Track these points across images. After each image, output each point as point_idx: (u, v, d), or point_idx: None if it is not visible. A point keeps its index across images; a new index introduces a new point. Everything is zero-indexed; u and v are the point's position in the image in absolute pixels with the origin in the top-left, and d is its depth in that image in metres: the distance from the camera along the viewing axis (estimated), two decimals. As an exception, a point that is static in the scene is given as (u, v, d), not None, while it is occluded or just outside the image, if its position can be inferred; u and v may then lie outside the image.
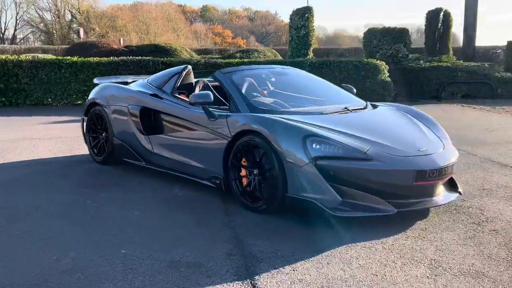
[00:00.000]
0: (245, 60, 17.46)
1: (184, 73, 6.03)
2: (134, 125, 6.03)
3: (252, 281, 3.28)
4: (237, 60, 16.77)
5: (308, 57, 17.71)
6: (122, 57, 14.97)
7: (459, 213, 4.67)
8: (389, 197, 4.30)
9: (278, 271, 3.42)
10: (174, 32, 56.52)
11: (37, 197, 5.15)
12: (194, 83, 6.14)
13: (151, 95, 5.98)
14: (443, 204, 4.61)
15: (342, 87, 6.25)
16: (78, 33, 35.35)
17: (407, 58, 17.46)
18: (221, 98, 5.50)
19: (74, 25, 51.89)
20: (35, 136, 8.82)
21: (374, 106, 5.68)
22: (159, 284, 3.23)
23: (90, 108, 6.76)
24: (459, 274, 3.41)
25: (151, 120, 5.90)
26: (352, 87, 6.30)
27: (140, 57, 15.05)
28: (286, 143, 4.36)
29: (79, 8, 51.48)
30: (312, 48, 18.71)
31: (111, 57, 15.07)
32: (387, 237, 4.06)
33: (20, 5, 57.66)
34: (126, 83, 6.82)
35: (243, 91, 5.33)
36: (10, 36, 61.66)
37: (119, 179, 5.90)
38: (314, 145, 4.27)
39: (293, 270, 3.45)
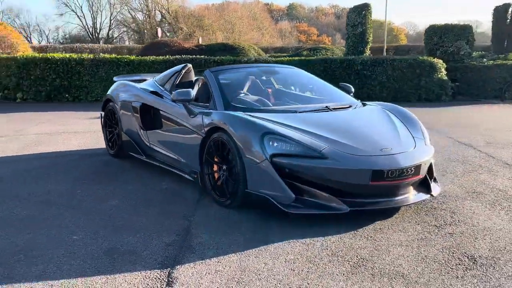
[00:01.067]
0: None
1: (184, 71, 6.26)
2: (136, 120, 6.36)
3: (171, 270, 3.43)
4: (296, 58, 16.79)
5: (365, 54, 17.41)
6: (176, 56, 15.53)
7: (427, 215, 4.57)
8: (346, 196, 4.31)
9: (201, 262, 3.56)
10: (259, 30, 57.26)
11: (33, 186, 5.59)
12: (193, 81, 6.35)
13: (151, 92, 6.30)
14: (406, 205, 4.54)
15: (340, 87, 6.23)
16: (156, 32, 36.74)
17: (469, 56, 16.70)
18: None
19: (165, 25, 54.07)
20: (74, 130, 9.45)
21: (363, 105, 5.64)
22: (85, 269, 3.46)
23: (106, 104, 7.19)
24: (377, 274, 3.39)
25: (150, 116, 6.19)
26: (350, 86, 6.29)
27: (193, 56, 15.53)
28: (246, 140, 4.49)
29: (168, 8, 53.56)
30: (369, 45, 18.35)
31: (167, 56, 15.69)
32: (334, 235, 4.07)
33: (114, 6, 61.09)
34: (141, 81, 7.15)
35: (227, 89, 5.49)
36: (105, 36, 65.49)
37: (119, 172, 6.25)
38: (271, 143, 4.36)
39: (217, 262, 3.57)
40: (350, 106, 5.54)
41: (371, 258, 3.64)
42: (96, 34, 64.64)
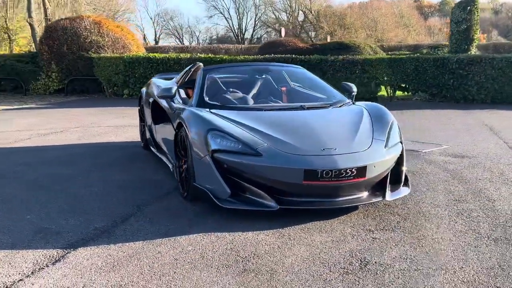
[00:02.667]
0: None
1: (193, 70, 6.56)
2: (150, 116, 6.82)
3: (70, 251, 3.74)
4: (387, 56, 16.22)
5: (469, 52, 16.26)
6: (254, 56, 15.86)
7: (374, 218, 4.41)
8: (282, 194, 4.33)
9: (104, 247, 3.80)
10: (405, 28, 55.74)
11: (44, 169, 6.27)
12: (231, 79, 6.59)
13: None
14: (344, 206, 4.43)
15: (342, 86, 6.13)
16: (280, 32, 37.49)
17: None
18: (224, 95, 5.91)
19: (307, 24, 54.97)
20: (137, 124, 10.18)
21: (351, 104, 5.56)
22: (13, 242, 3.91)
23: (140, 100, 7.76)
24: (252, 269, 3.40)
25: (157, 113, 6.61)
26: (352, 86, 6.12)
27: (265, 55, 15.78)
28: (195, 135, 4.70)
29: (310, 8, 54.45)
30: (476, 43, 17.07)
31: (266, 55, 16.08)
32: (256, 231, 4.11)
33: (259, 7, 63.59)
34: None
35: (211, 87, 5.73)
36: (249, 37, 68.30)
37: (130, 162, 6.73)
38: (214, 139, 4.51)
39: (117, 248, 3.78)
40: (330, 106, 5.43)
41: (264, 255, 3.63)
42: (242, 35, 67.47)
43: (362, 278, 3.30)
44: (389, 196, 4.54)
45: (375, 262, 3.53)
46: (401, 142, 4.96)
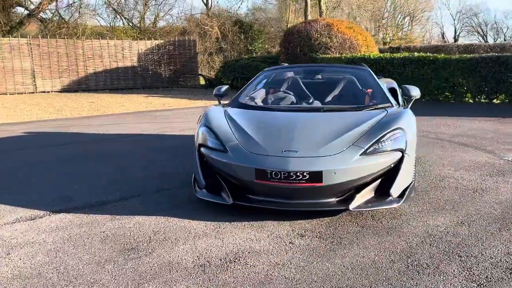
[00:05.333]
0: None
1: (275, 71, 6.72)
2: None
3: (30, 222, 4.51)
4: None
5: None
6: (482, 55, 14.15)
7: (320, 225, 4.07)
8: (242, 190, 4.36)
9: (59, 221, 4.48)
10: None
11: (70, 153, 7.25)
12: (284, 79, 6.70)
13: None
14: (297, 210, 4.23)
15: (402, 88, 5.60)
16: None
17: None
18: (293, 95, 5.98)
19: None
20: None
21: (383, 109, 5.10)
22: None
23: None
24: (125, 251, 3.62)
25: None
26: (412, 89, 5.57)
27: (499, 54, 13.84)
28: (197, 129, 5.01)
29: None
30: None
31: (473, 54, 14.47)
32: (191, 220, 4.22)
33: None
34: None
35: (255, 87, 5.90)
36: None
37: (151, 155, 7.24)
38: (202, 134, 4.77)
39: (45, 225, 4.45)
40: (357, 109, 5.13)
41: (149, 244, 3.77)
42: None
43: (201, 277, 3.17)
44: (353, 205, 4.11)
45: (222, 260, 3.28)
46: (401, 151, 4.28)
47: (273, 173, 4.05)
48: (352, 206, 4.09)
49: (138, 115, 12.88)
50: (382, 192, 4.27)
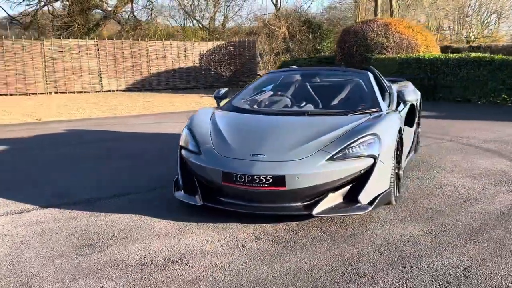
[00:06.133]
0: None
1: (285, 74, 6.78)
2: None
3: (16, 215, 4.88)
4: None
5: None
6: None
7: (274, 229, 4.12)
8: (216, 192, 4.44)
9: (43, 213, 4.82)
10: None
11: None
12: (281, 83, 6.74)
13: None
14: (262, 214, 4.23)
15: (398, 93, 5.52)
16: None
17: None
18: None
19: None
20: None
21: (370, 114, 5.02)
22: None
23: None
24: (67, 243, 3.86)
25: None
26: (406, 93, 5.39)
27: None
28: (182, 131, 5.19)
29: None
30: None
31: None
32: (146, 217, 4.38)
33: None
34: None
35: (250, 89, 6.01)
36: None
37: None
38: (185, 136, 4.91)
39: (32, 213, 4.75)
40: (341, 114, 5.07)
41: (95, 241, 3.98)
42: None
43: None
44: (316, 211, 4.09)
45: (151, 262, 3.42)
46: (373, 157, 4.24)
47: (238, 176, 4.11)
48: (315, 211, 4.08)
49: (186, 114, 13.21)
50: (351, 198, 4.21)
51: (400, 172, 4.93)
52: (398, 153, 4.87)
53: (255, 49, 24.93)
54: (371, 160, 4.25)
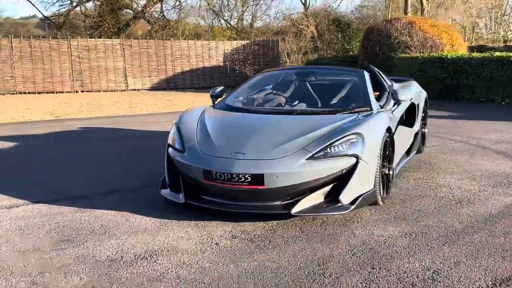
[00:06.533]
0: None
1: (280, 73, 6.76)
2: None
3: (6, 210, 4.99)
4: None
5: None
6: None
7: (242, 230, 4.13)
8: (198, 190, 4.45)
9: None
10: None
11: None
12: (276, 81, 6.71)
13: None
14: (241, 212, 4.23)
15: (391, 92, 5.44)
16: None
17: None
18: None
19: None
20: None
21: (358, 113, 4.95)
22: None
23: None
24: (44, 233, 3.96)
25: None
26: (400, 93, 5.30)
27: None
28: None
29: None
30: None
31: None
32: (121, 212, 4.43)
33: None
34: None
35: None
36: None
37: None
38: (172, 134, 4.93)
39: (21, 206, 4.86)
40: (329, 113, 5.03)
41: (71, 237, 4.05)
42: None
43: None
44: (295, 210, 4.06)
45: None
46: (356, 157, 4.19)
47: (218, 174, 4.12)
48: (294, 210, 4.05)
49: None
50: (333, 198, 4.17)
51: (391, 172, 4.84)
52: (388, 153, 4.78)
53: (278, 48, 24.91)
54: (354, 160, 4.19)
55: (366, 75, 5.58)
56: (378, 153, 4.39)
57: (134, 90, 22.30)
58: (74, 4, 31.99)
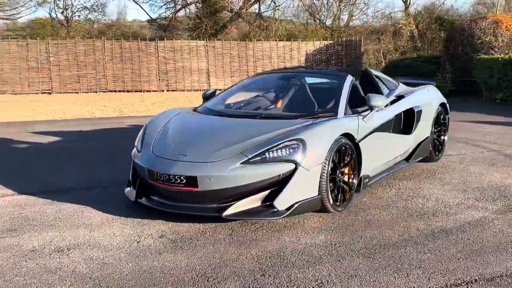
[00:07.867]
0: None
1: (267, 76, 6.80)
2: None
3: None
4: None
5: None
6: None
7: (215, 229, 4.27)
8: (149, 190, 4.63)
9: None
10: None
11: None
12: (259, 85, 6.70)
13: None
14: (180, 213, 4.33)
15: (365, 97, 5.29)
16: None
17: None
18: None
19: None
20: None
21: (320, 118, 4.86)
22: None
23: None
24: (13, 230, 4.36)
25: None
26: (372, 98, 5.09)
27: None
28: None
29: None
30: None
31: None
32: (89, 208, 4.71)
33: None
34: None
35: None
36: None
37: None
38: (138, 136, 5.20)
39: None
40: (294, 117, 4.98)
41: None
42: None
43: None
44: (226, 213, 4.10)
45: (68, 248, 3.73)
46: (295, 163, 4.18)
47: (158, 175, 4.28)
48: (225, 213, 4.08)
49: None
50: (268, 203, 4.14)
51: (354, 180, 4.68)
52: (350, 160, 4.63)
53: (360, 48, 24.37)
54: (292, 165, 4.14)
55: (348, 80, 5.37)
56: (325, 159, 4.27)
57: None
58: (178, 7, 33.62)
